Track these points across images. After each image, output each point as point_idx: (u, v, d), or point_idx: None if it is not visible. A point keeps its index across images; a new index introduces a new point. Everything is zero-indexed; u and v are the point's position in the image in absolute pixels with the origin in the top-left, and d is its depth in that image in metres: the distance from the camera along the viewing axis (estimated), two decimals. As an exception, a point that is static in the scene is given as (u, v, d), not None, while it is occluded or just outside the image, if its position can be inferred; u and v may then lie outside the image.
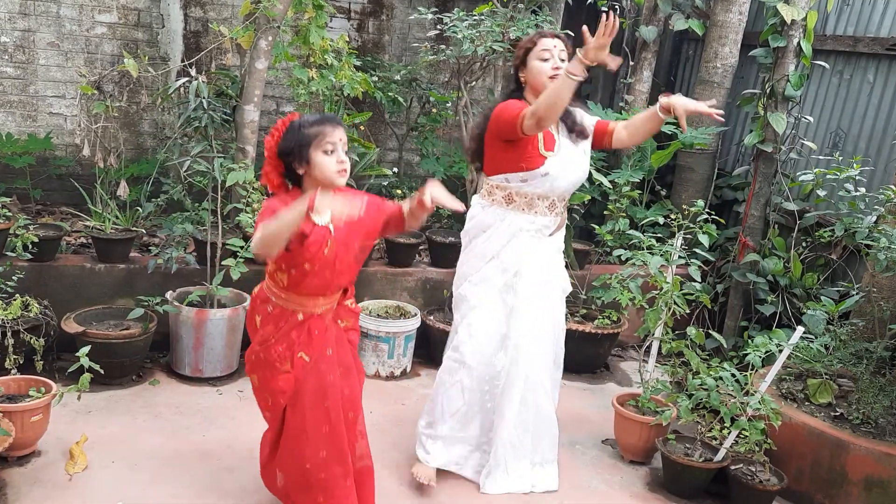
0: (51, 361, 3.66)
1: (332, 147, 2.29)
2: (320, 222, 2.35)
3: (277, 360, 2.46)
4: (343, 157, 2.32)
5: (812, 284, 4.36)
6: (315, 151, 2.29)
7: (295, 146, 2.29)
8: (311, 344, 2.45)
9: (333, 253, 2.38)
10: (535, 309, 3.11)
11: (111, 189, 4.34)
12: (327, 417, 2.48)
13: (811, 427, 3.25)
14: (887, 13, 4.29)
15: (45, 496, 2.81)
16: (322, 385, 2.47)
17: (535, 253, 3.10)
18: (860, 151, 4.37)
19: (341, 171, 2.31)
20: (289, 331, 2.46)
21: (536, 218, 3.07)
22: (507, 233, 3.09)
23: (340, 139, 2.31)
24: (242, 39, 4.02)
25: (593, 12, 5.66)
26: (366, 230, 2.47)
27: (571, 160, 3.06)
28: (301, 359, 2.45)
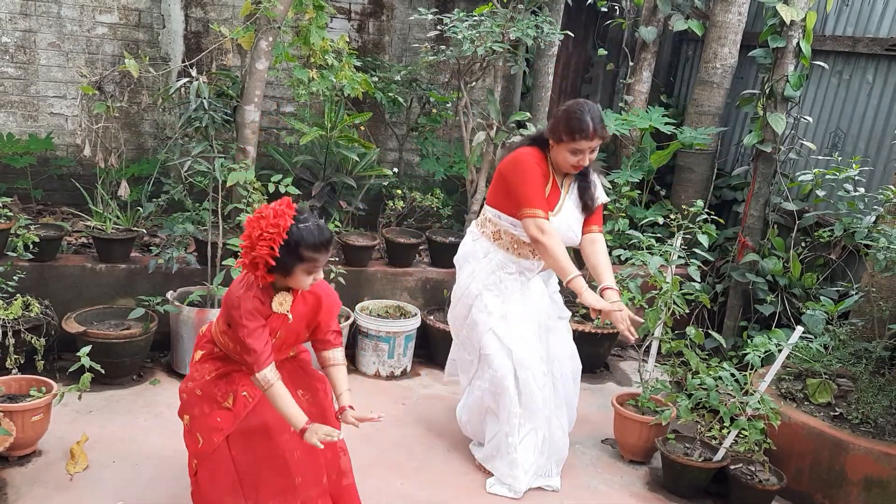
0: (52, 361, 3.67)
1: (314, 269, 2.35)
2: (279, 311, 2.39)
3: (220, 394, 2.44)
4: (320, 276, 2.41)
5: (811, 284, 4.36)
6: (299, 270, 2.32)
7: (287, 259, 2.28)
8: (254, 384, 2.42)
9: (282, 339, 2.45)
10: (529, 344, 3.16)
11: (112, 189, 4.34)
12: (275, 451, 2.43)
13: (811, 427, 3.26)
14: (886, 13, 4.30)
15: (45, 496, 2.82)
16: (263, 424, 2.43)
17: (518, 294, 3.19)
18: (859, 151, 4.37)
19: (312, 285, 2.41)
20: (231, 371, 2.47)
21: (520, 260, 3.17)
22: (488, 269, 3.18)
23: (319, 263, 2.35)
24: (243, 40, 4.03)
25: (593, 12, 5.68)
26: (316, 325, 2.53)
27: (568, 224, 3.11)
28: (244, 398, 2.44)
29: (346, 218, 4.73)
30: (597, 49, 5.76)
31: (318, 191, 4.55)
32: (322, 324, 2.52)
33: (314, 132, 4.40)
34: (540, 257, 3.11)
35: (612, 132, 5.08)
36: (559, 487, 3.23)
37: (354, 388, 3.98)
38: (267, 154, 4.84)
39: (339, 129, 4.53)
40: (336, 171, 4.71)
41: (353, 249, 4.42)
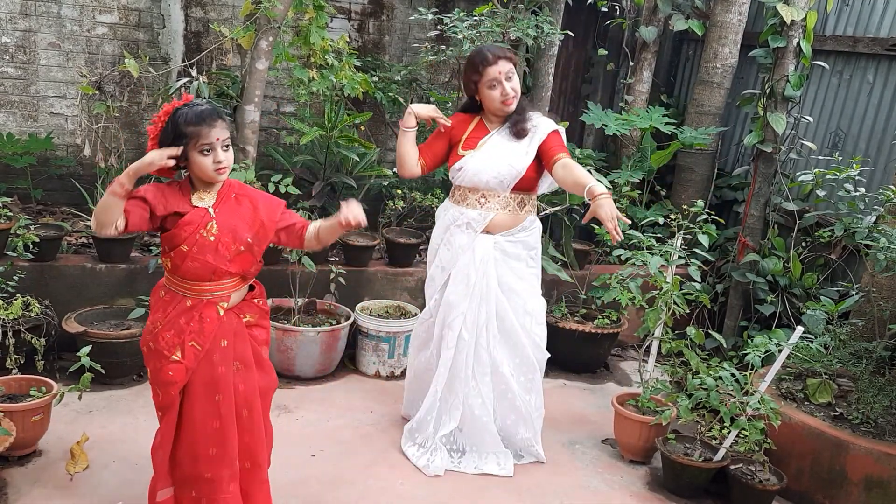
0: (52, 361, 3.66)
1: (208, 147, 2.27)
2: (200, 205, 2.34)
3: (165, 347, 2.36)
4: (221, 156, 2.29)
5: (812, 284, 4.36)
6: (192, 152, 2.28)
7: (173, 144, 2.26)
8: (202, 332, 2.37)
9: (215, 237, 2.34)
10: (459, 301, 3.22)
11: (112, 189, 4.34)
12: (217, 412, 2.39)
13: (811, 427, 3.25)
14: (887, 13, 4.29)
15: (45, 496, 2.81)
16: (213, 377, 2.38)
17: (468, 251, 3.21)
18: (860, 151, 4.37)
19: (219, 170, 2.31)
20: (177, 317, 2.38)
21: (466, 210, 3.22)
22: (443, 225, 3.32)
23: (218, 138, 2.28)
24: (243, 40, 4.03)
25: (593, 12, 5.67)
26: (259, 224, 2.41)
27: (496, 155, 3.15)
28: (192, 347, 2.36)
29: (346, 218, 4.72)
30: (597, 49, 5.76)
31: (318, 191, 4.55)
32: (266, 222, 2.41)
33: (314, 132, 4.40)
34: (484, 208, 3.19)
35: (613, 132, 5.08)
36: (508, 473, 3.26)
37: (355, 387, 4.01)
38: (267, 154, 4.84)
39: (339, 129, 4.53)
40: (336, 171, 4.71)
41: (353, 249, 4.42)
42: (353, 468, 3.22)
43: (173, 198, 2.34)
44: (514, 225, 3.23)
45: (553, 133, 3.17)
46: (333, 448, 3.36)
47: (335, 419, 3.62)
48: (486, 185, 3.16)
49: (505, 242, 3.23)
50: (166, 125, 2.29)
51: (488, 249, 3.20)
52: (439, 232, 3.35)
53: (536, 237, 3.33)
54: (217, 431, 2.40)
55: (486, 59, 3.06)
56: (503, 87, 3.08)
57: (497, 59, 3.06)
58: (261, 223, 2.41)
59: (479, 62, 3.08)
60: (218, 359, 2.39)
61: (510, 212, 3.21)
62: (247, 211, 2.40)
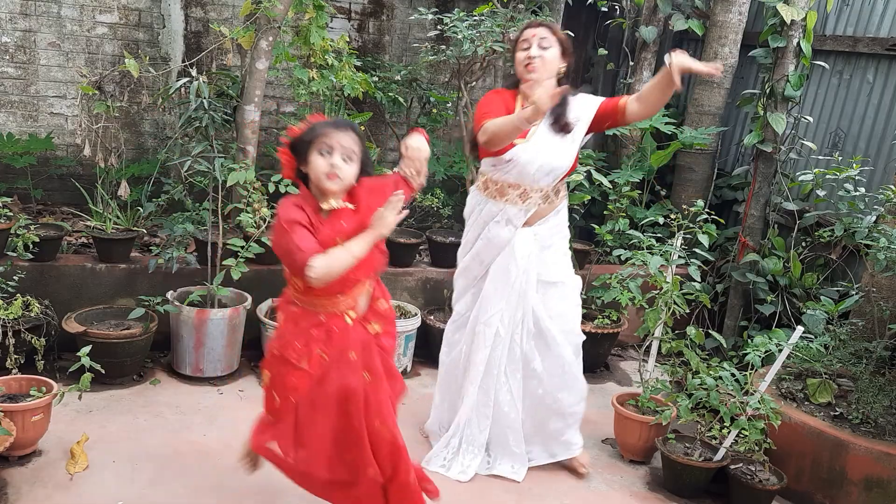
0: (52, 361, 3.67)
1: (328, 149, 2.24)
2: (328, 207, 2.29)
3: (294, 355, 2.36)
4: (338, 161, 2.24)
5: (812, 284, 4.36)
6: (312, 151, 2.25)
7: (299, 142, 2.28)
8: (329, 342, 2.35)
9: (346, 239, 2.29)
10: (498, 299, 3.13)
11: (112, 189, 4.34)
12: (349, 423, 2.37)
13: (811, 427, 3.25)
14: (887, 13, 4.29)
15: (45, 496, 2.81)
16: (344, 388, 2.35)
17: (507, 245, 3.11)
18: (860, 151, 4.37)
19: (330, 175, 2.23)
20: (308, 328, 2.37)
21: (506, 206, 3.09)
22: (480, 221, 3.18)
23: (340, 143, 2.24)
24: (243, 40, 4.03)
25: (593, 12, 5.67)
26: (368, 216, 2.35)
27: (547, 148, 3.02)
28: (319, 356, 2.35)
29: (346, 218, 4.72)
30: (597, 49, 5.75)
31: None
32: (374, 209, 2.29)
33: (314, 132, 4.40)
34: (526, 203, 3.06)
35: (613, 132, 5.08)
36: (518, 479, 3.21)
37: (354, 387, 4.00)
38: (267, 154, 4.84)
39: (339, 128, 4.53)
40: (336, 170, 4.70)
41: (354, 249, 4.41)
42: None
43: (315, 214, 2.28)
44: (550, 211, 3.16)
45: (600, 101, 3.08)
46: (333, 448, 3.36)
47: (335, 419, 3.62)
48: (532, 181, 3.04)
49: (543, 232, 3.15)
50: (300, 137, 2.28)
51: (528, 244, 3.11)
52: (476, 228, 3.21)
53: (565, 213, 3.26)
54: (351, 442, 2.38)
55: (529, 24, 3.02)
56: (530, 48, 2.96)
57: (538, 24, 2.99)
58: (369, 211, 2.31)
59: (524, 28, 3.02)
60: (347, 371, 2.36)
61: (549, 202, 3.13)
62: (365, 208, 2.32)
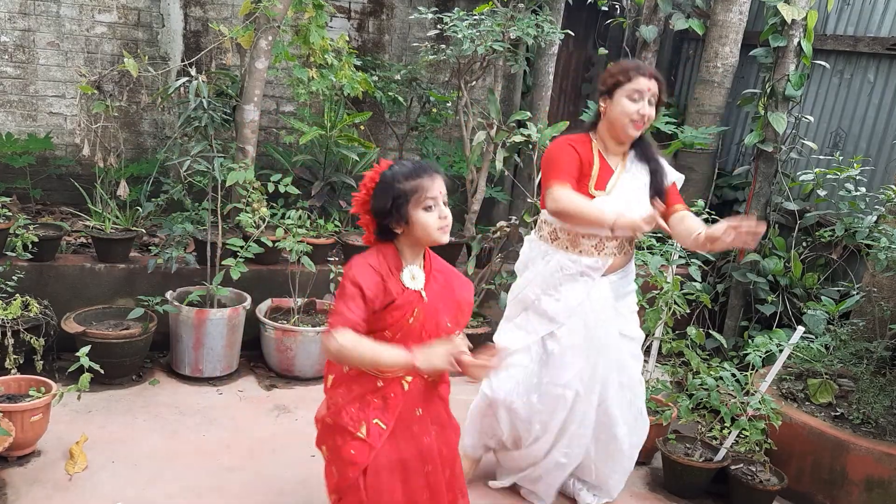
0: (51, 361, 3.66)
1: (433, 202, 2.05)
2: (412, 286, 2.11)
3: (350, 422, 2.13)
4: (445, 211, 2.08)
5: (812, 284, 4.36)
6: (414, 209, 2.05)
7: (392, 205, 2.05)
8: (386, 409, 2.14)
9: (420, 323, 2.10)
10: (576, 359, 2.85)
11: (111, 189, 4.34)
12: (427, 483, 2.19)
13: (811, 427, 3.25)
14: (887, 13, 4.29)
15: (45, 496, 2.81)
16: (419, 450, 2.17)
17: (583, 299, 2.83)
18: (860, 151, 4.37)
19: (443, 229, 2.08)
20: (363, 393, 2.15)
21: (580, 258, 2.80)
22: (546, 272, 2.87)
23: (441, 192, 2.08)
24: (242, 39, 4.02)
25: (594, 11, 5.67)
26: (457, 307, 2.19)
27: (629, 202, 2.73)
28: (377, 426, 2.12)
29: (345, 218, 4.72)
30: (597, 48, 5.75)
31: (318, 190, 4.55)
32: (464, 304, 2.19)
33: (314, 132, 4.40)
34: (602, 254, 2.80)
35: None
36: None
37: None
38: (266, 154, 4.83)
39: (338, 128, 4.53)
40: (336, 170, 4.70)
41: (353, 249, 4.40)
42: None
43: (388, 280, 2.09)
44: (627, 262, 2.92)
45: (674, 183, 2.87)
46: (333, 448, 3.35)
47: (335, 419, 3.61)
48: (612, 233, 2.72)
49: (618, 281, 2.89)
50: (376, 188, 2.09)
51: (607, 295, 2.84)
52: (540, 281, 2.88)
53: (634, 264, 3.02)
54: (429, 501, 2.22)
55: (642, 69, 2.69)
56: (644, 104, 2.66)
57: (653, 76, 2.68)
58: (458, 305, 2.19)
59: (634, 68, 2.69)
60: (418, 430, 2.19)
61: (625, 253, 2.88)
62: (447, 291, 2.17)
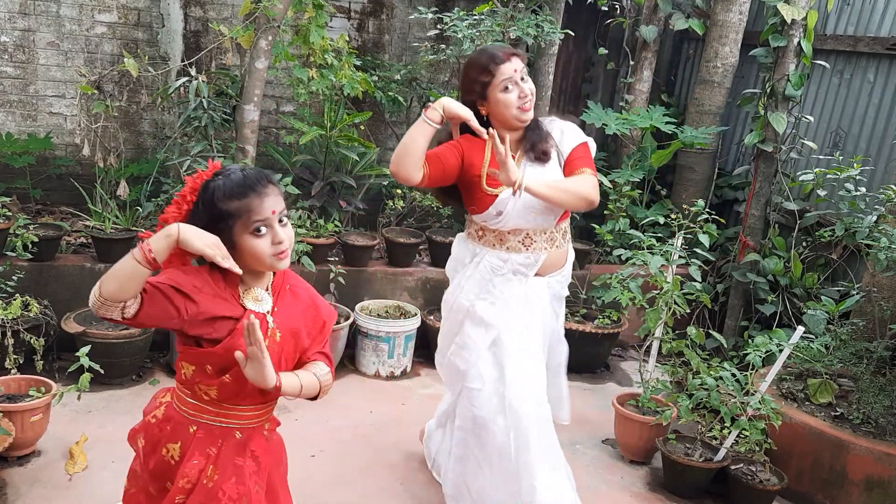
0: (51, 361, 3.66)
1: (262, 224, 1.68)
2: (256, 309, 1.75)
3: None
4: (281, 234, 1.68)
5: (812, 284, 4.36)
6: (241, 235, 1.68)
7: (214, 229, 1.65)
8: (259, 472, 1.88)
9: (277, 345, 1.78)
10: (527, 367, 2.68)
11: (111, 189, 4.34)
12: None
13: (811, 427, 3.25)
14: (887, 13, 4.29)
15: (45, 496, 2.81)
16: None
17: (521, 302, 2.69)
18: (860, 151, 4.37)
19: (279, 255, 1.70)
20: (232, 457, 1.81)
21: (510, 256, 2.66)
22: (477, 276, 2.71)
23: (274, 210, 1.68)
24: (242, 39, 4.02)
25: (594, 11, 5.66)
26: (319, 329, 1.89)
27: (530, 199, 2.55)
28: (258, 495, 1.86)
29: (345, 218, 4.72)
30: (597, 48, 5.75)
31: (318, 190, 4.55)
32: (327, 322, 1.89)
33: (314, 132, 4.40)
34: (531, 249, 2.66)
35: (613, 131, 5.08)
36: None
37: (354, 387, 4.00)
38: (266, 153, 4.83)
39: (338, 128, 4.52)
40: (336, 170, 4.70)
41: (353, 249, 4.41)
42: (353, 468, 3.21)
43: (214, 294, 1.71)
44: (562, 260, 2.77)
45: (583, 144, 2.68)
46: (333, 448, 3.36)
47: (335, 419, 3.62)
48: (534, 225, 2.63)
49: (556, 284, 2.77)
50: (196, 205, 1.72)
51: (543, 296, 2.72)
52: (473, 284, 2.71)
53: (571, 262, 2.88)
54: None
55: (497, 57, 2.53)
56: (520, 87, 2.53)
57: (509, 56, 2.53)
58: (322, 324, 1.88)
59: (489, 61, 2.53)
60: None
61: (557, 247, 2.72)
62: (307, 307, 1.85)
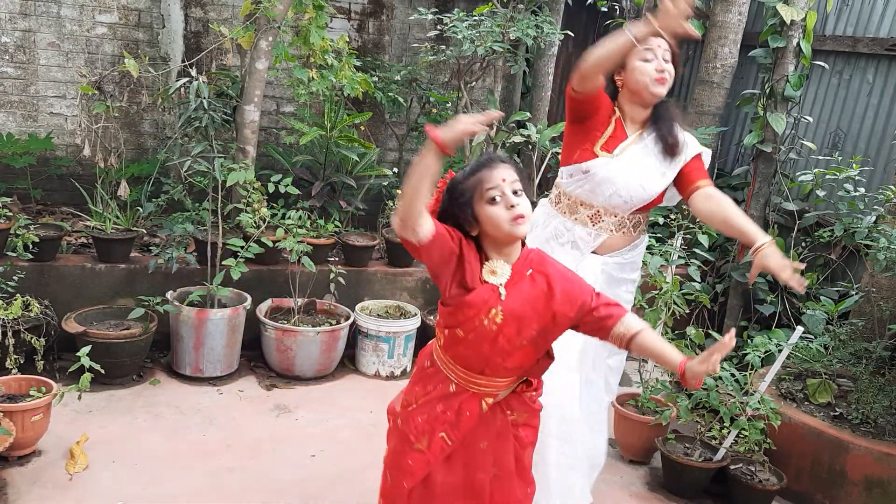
0: (51, 361, 3.66)
1: (496, 192, 1.83)
2: (491, 280, 1.88)
3: (414, 432, 2.00)
4: (514, 199, 1.83)
5: (811, 284, 4.36)
6: (478, 206, 1.85)
7: (456, 207, 1.86)
8: (457, 426, 1.96)
9: (497, 326, 1.87)
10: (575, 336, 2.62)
11: (112, 189, 4.34)
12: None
13: (811, 427, 3.25)
14: (886, 14, 4.29)
15: (45, 496, 2.81)
16: (468, 483, 2.00)
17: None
18: (859, 151, 4.37)
19: (516, 219, 1.83)
20: (436, 400, 1.99)
21: (575, 226, 2.70)
22: (542, 237, 2.76)
23: (504, 179, 1.84)
24: (243, 40, 4.03)
25: (593, 12, 5.68)
26: (550, 316, 1.91)
27: (631, 170, 2.60)
28: (442, 440, 1.97)
29: (346, 218, 4.73)
30: (597, 49, 5.75)
31: (318, 191, 4.55)
32: (559, 315, 1.90)
33: (314, 132, 4.40)
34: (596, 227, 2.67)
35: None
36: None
37: (354, 387, 4.01)
38: (267, 154, 4.84)
39: (338, 129, 4.53)
40: (336, 171, 4.71)
41: (353, 249, 4.41)
42: (353, 468, 3.22)
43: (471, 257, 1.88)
44: (625, 245, 2.74)
45: (698, 155, 2.67)
46: (333, 448, 3.36)
47: (335, 419, 3.62)
48: (607, 203, 2.64)
49: (613, 264, 2.73)
50: (445, 192, 1.91)
51: (595, 274, 2.68)
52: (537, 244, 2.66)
53: (642, 252, 2.85)
54: None
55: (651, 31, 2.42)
56: (659, 61, 2.54)
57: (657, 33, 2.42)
58: (552, 315, 1.91)
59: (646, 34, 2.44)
60: (475, 463, 2.00)
61: (624, 233, 2.72)
62: (540, 295, 1.90)
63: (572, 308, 1.91)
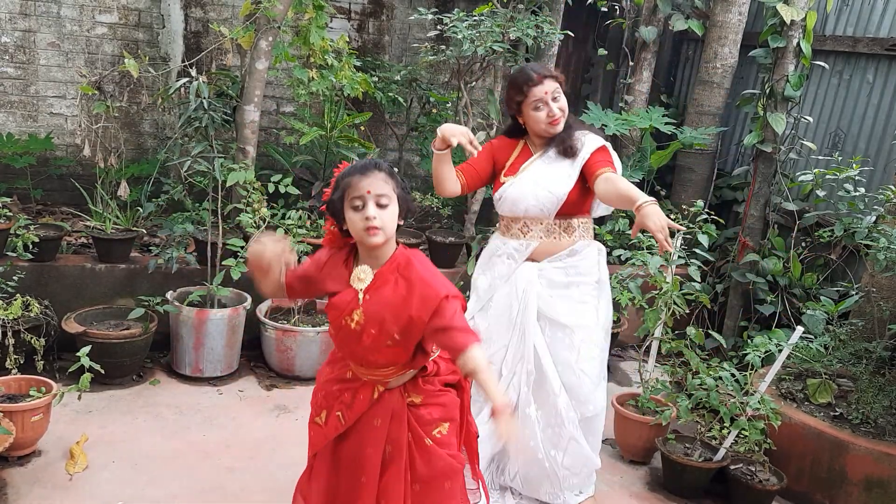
0: (51, 361, 3.67)
1: (359, 201, 1.95)
2: (355, 285, 2.03)
3: (315, 406, 2.19)
4: (372, 211, 1.93)
5: (811, 284, 4.36)
6: (346, 209, 1.98)
7: (331, 204, 2.01)
8: (351, 407, 2.12)
9: (361, 327, 2.01)
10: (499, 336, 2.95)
11: (112, 189, 4.34)
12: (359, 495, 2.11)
13: (811, 427, 3.25)
14: (886, 14, 4.29)
15: (45, 496, 2.81)
16: (358, 457, 2.12)
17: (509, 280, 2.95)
18: (859, 151, 4.37)
19: (369, 230, 1.93)
20: (335, 381, 2.17)
21: (509, 241, 2.98)
22: (485, 255, 3.09)
23: (370, 190, 1.94)
24: (243, 40, 4.03)
25: (593, 12, 5.67)
26: (407, 319, 1.99)
27: (536, 181, 2.88)
28: (337, 418, 2.13)
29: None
30: (597, 49, 5.75)
31: (318, 191, 4.55)
32: (415, 317, 1.97)
33: (314, 132, 4.40)
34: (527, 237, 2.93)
35: (613, 132, 5.08)
36: None
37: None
38: (267, 154, 4.84)
39: (338, 128, 4.53)
40: (336, 171, 4.70)
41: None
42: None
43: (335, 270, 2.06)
44: (561, 249, 2.92)
45: (599, 149, 2.87)
46: (333, 448, 3.36)
47: (335, 419, 3.62)
48: (527, 214, 2.90)
49: (551, 269, 2.92)
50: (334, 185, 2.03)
51: (531, 279, 2.91)
52: (481, 262, 3.09)
53: (592, 261, 2.96)
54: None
55: (531, 79, 2.81)
56: (549, 107, 2.82)
57: (542, 78, 2.81)
58: (409, 318, 1.99)
59: (523, 82, 2.82)
60: (366, 439, 2.12)
61: (555, 238, 2.92)
62: (399, 299, 1.99)
63: (427, 312, 1.98)
